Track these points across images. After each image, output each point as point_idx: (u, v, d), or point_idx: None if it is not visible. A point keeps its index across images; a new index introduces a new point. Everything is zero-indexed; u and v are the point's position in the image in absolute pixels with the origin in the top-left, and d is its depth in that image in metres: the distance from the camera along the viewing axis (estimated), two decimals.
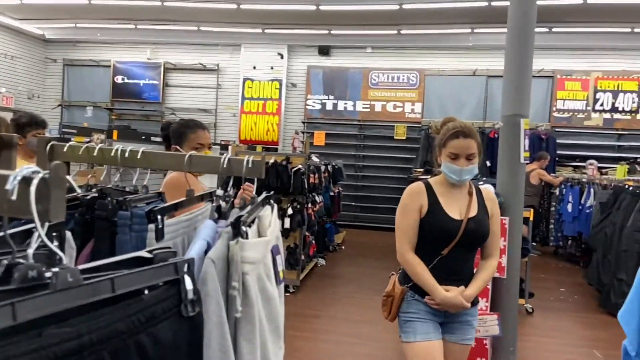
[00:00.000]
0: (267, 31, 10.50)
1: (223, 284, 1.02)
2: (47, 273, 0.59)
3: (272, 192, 1.54)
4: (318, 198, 6.51)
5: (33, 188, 0.54)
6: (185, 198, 1.39)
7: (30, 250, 0.59)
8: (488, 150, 8.72)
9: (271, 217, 1.39)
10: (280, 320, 1.32)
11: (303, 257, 5.76)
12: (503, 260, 3.18)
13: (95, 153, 1.37)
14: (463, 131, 2.08)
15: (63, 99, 11.98)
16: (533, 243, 7.62)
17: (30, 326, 0.54)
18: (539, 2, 3.37)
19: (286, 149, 10.45)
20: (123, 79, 11.53)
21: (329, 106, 10.78)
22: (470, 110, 10.19)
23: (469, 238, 2.09)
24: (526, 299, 5.09)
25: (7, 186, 0.54)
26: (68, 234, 0.91)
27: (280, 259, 1.39)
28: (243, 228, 1.08)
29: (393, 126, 10.46)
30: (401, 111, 10.50)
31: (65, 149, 1.43)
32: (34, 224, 0.56)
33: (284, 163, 5.48)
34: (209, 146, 2.65)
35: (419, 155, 9.85)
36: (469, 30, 9.78)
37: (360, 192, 10.65)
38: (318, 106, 10.83)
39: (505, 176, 3.30)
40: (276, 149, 10.52)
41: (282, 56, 10.80)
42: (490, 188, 3.01)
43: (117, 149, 1.31)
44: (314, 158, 6.72)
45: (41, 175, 0.55)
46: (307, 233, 6.06)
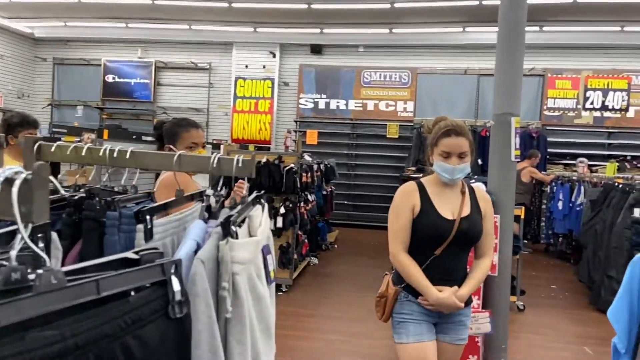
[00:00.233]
0: (259, 30, 10.47)
1: (213, 285, 1.01)
2: (31, 275, 0.58)
3: (263, 192, 1.54)
4: (311, 197, 6.51)
5: (15, 189, 0.53)
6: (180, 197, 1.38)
7: (13, 252, 0.58)
8: (480, 148, 8.75)
9: (262, 217, 1.39)
10: (271, 320, 1.31)
11: (296, 256, 5.76)
12: (494, 257, 3.20)
13: (83, 153, 1.36)
14: (455, 129, 2.08)
15: (53, 98, 11.87)
16: (524, 241, 7.67)
17: (13, 329, 0.53)
18: (530, 1, 3.39)
19: (279, 148, 10.43)
20: (114, 78, 11.44)
21: (322, 105, 10.77)
22: (461, 108, 10.23)
23: (462, 238, 2.08)
24: (517, 297, 5.12)
25: None
26: (54, 235, 0.90)
27: (271, 259, 1.39)
28: (233, 228, 1.07)
29: (385, 125, 10.47)
30: (393, 110, 10.51)
31: (53, 149, 1.42)
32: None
33: (276, 162, 5.47)
34: (203, 145, 2.63)
35: (412, 153, 9.88)
36: (461, 29, 9.81)
37: (352, 191, 10.66)
38: (310, 105, 10.82)
39: (496, 174, 3.31)
40: (269, 148, 10.50)
41: (274, 55, 10.77)
42: (481, 186, 3.02)
43: (106, 149, 1.30)
44: (307, 157, 6.72)
45: (24, 176, 0.54)
46: (300, 232, 6.05)
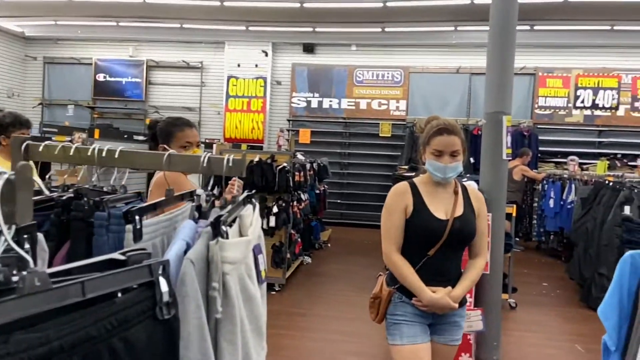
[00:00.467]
0: (251, 28, 10.43)
1: (203, 285, 1.00)
2: (15, 277, 0.57)
3: (254, 191, 1.53)
4: (303, 196, 6.50)
5: None
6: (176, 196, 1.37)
7: None
8: (472, 147, 8.77)
9: (252, 216, 1.38)
10: (262, 320, 1.31)
11: (289, 256, 5.75)
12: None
13: (71, 152, 1.34)
14: (447, 128, 2.07)
15: (43, 98, 11.76)
16: (516, 238, 7.71)
17: None
18: (520, 0, 3.40)
19: (271, 147, 10.41)
20: (105, 77, 11.36)
21: (314, 104, 10.76)
22: (453, 107, 10.27)
23: (455, 238, 2.06)
24: (509, 294, 5.15)
25: None
26: (40, 236, 0.89)
27: (262, 259, 1.38)
28: (223, 228, 1.07)
29: (378, 124, 10.48)
30: (386, 109, 10.53)
31: (40, 149, 1.40)
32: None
33: (269, 161, 5.45)
34: (198, 144, 2.61)
35: (404, 152, 9.90)
36: (453, 28, 9.84)
37: (345, 190, 10.66)
38: (303, 104, 10.81)
39: (488, 172, 3.33)
40: (261, 147, 10.48)
41: (267, 54, 10.75)
42: (473, 185, 3.03)
43: (94, 148, 1.29)
44: (299, 156, 6.71)
45: (6, 176, 0.53)
46: (293, 231, 6.04)
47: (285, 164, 5.49)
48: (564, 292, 5.86)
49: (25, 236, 0.77)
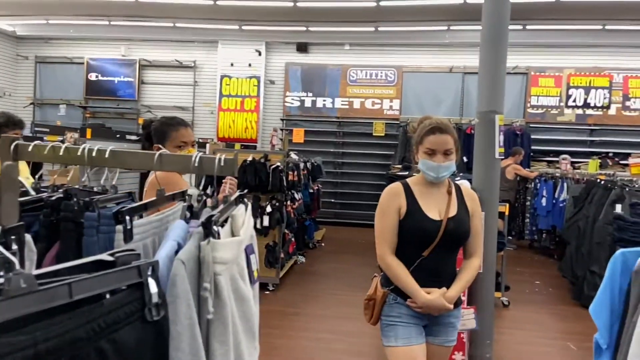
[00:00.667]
0: (245, 28, 10.40)
1: (194, 286, 0.99)
2: (0, 279, 0.56)
3: (246, 190, 1.52)
4: (297, 195, 6.50)
5: None
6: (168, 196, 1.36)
7: None
8: (465, 146, 8.80)
9: (245, 216, 1.37)
10: (254, 320, 1.30)
11: (282, 255, 5.74)
12: None
13: (61, 152, 1.33)
14: (439, 127, 2.06)
15: (35, 97, 11.66)
16: (509, 237, 7.75)
17: None
18: (513, 0, 3.41)
19: (265, 147, 10.39)
20: (97, 76, 11.29)
21: (308, 103, 10.76)
22: (447, 106, 10.31)
23: (450, 238, 2.05)
24: (502, 292, 5.17)
25: None
26: (28, 237, 0.87)
27: (254, 259, 1.37)
28: (215, 227, 1.06)
29: (372, 123, 10.49)
30: (379, 108, 10.54)
31: (30, 149, 1.39)
32: None
33: (263, 161, 5.44)
34: (193, 144, 2.58)
35: (398, 151, 9.92)
36: (446, 27, 9.87)
37: (339, 189, 10.67)
38: (297, 103, 10.80)
39: (480, 171, 3.34)
40: (255, 147, 10.46)
41: (260, 53, 10.72)
42: (466, 183, 3.04)
43: (84, 148, 1.27)
44: (293, 155, 6.70)
45: None
46: (287, 231, 6.03)
47: (278, 164, 5.48)
48: (557, 290, 5.89)
49: (12, 237, 0.76)
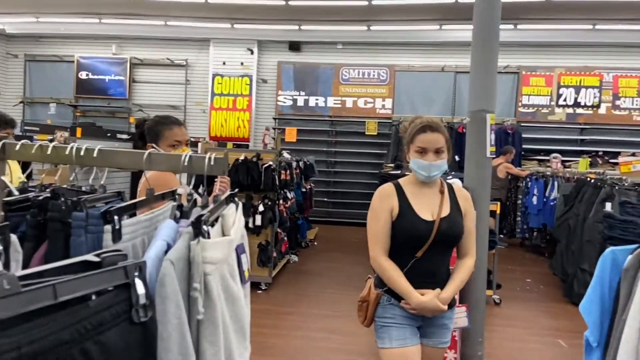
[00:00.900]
0: (237, 26, 10.36)
1: (184, 286, 0.99)
2: None
3: (237, 190, 1.51)
4: (290, 194, 6.49)
5: None
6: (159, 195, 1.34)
7: None
8: (457, 145, 8.84)
9: (235, 216, 1.36)
10: (245, 320, 1.29)
11: (275, 254, 5.73)
12: None
13: (49, 151, 1.31)
14: (430, 125, 2.05)
15: (25, 96, 11.55)
16: (500, 235, 7.80)
17: None
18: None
19: (257, 146, 10.36)
20: (87, 75, 11.19)
21: (300, 102, 10.74)
22: (439, 105, 10.34)
23: (443, 239, 2.03)
24: (494, 290, 5.20)
25: None
26: (14, 237, 0.86)
27: (245, 258, 1.37)
28: (204, 227, 1.05)
29: (364, 122, 10.50)
30: (372, 107, 10.55)
31: (17, 148, 1.37)
32: None
33: (255, 160, 5.43)
34: (187, 143, 2.56)
35: (390, 150, 9.94)
36: (438, 26, 9.89)
37: (332, 188, 10.67)
38: (289, 102, 10.78)
39: (472, 170, 3.34)
40: (247, 146, 10.42)
41: (252, 52, 10.69)
42: (458, 183, 3.04)
43: (72, 147, 1.26)
44: (285, 154, 6.69)
45: None
46: (279, 230, 6.02)
47: (271, 163, 5.46)
48: (548, 288, 5.93)
49: None
